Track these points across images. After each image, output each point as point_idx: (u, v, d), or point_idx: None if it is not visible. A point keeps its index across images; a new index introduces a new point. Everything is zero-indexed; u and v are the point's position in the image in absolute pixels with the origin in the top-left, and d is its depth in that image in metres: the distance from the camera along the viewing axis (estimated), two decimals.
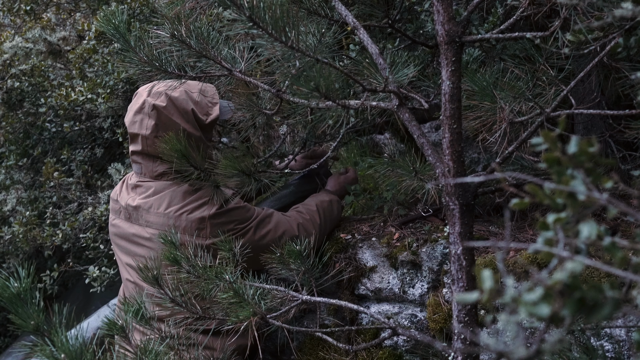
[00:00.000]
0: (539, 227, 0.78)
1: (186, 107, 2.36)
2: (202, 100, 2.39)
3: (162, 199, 2.36)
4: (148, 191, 2.39)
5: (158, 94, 2.36)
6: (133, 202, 2.41)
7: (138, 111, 2.37)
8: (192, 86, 2.41)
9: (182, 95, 2.37)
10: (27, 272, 1.51)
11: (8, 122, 3.53)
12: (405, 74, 1.76)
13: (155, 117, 2.34)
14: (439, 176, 1.68)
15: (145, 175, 2.42)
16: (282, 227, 2.44)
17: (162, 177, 2.39)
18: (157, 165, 2.39)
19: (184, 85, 2.39)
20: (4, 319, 3.51)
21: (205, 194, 2.34)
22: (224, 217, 2.33)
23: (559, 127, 0.82)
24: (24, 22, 3.73)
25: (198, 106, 2.38)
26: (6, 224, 3.50)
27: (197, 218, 2.30)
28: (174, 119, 2.34)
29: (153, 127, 2.34)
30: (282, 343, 2.62)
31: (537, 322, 0.70)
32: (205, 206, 2.32)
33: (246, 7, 1.59)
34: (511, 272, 2.15)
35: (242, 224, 2.36)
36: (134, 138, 2.40)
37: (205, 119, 2.39)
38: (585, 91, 2.27)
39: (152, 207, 2.37)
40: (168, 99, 2.35)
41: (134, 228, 2.41)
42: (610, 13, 1.32)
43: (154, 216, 2.36)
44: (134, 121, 2.38)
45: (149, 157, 2.40)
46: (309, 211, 2.56)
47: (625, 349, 1.95)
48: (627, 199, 2.18)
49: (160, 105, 2.34)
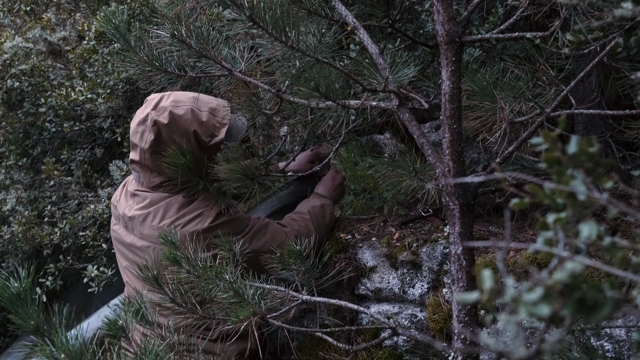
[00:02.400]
0: (539, 227, 0.78)
1: (188, 127, 2.31)
2: (209, 120, 2.33)
3: (157, 211, 2.35)
4: (144, 202, 2.38)
5: (162, 109, 2.32)
6: (129, 212, 2.41)
7: (141, 122, 2.35)
8: (203, 103, 2.35)
9: (186, 114, 2.31)
10: (27, 272, 1.51)
11: (8, 122, 3.53)
12: (405, 74, 1.76)
13: (155, 133, 2.31)
14: (439, 176, 1.68)
15: (143, 184, 2.41)
16: (279, 238, 2.41)
17: (158, 189, 2.38)
18: (154, 177, 2.37)
19: (194, 101, 2.34)
20: (4, 319, 3.51)
21: (199, 206, 2.32)
22: (218, 231, 2.29)
23: (559, 127, 0.82)
24: (24, 22, 3.73)
25: (203, 127, 2.32)
26: (6, 223, 3.50)
27: (189, 232, 2.28)
28: (174, 137, 2.30)
29: (152, 143, 2.31)
30: (282, 343, 2.62)
31: (537, 322, 0.70)
32: (198, 219, 2.30)
33: (246, 7, 1.59)
34: (511, 272, 2.15)
35: (237, 236, 2.31)
36: (133, 147, 2.39)
37: (208, 140, 2.33)
38: (585, 91, 2.27)
39: (146, 219, 2.36)
40: (171, 116, 2.30)
41: (130, 237, 2.41)
42: (610, 13, 1.32)
43: (148, 229, 2.35)
44: (136, 131, 2.36)
45: (146, 169, 2.38)
46: (303, 219, 2.53)
47: (625, 349, 1.95)
48: (627, 199, 2.18)
49: (162, 122, 2.30)
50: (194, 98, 2.36)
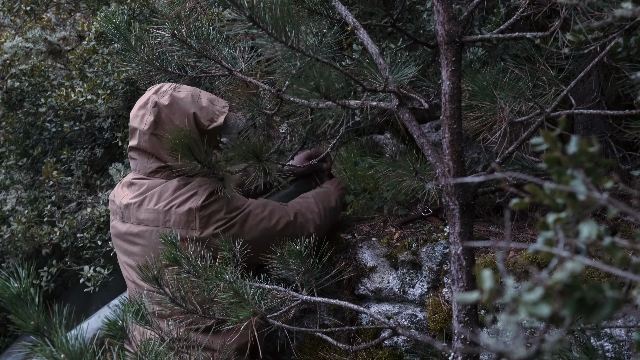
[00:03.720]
0: (539, 227, 0.78)
1: (188, 109, 2.35)
2: (209, 107, 2.38)
3: (153, 195, 2.36)
4: (141, 189, 2.40)
5: (163, 92, 2.37)
6: (125, 200, 2.41)
7: (142, 106, 2.38)
8: (203, 93, 2.41)
9: (187, 97, 2.36)
10: (27, 272, 1.51)
11: (8, 122, 3.53)
12: (405, 74, 1.76)
13: (156, 114, 2.34)
14: (439, 176, 1.68)
15: (140, 172, 2.42)
16: (277, 214, 2.40)
17: (155, 174, 2.40)
18: (151, 162, 2.39)
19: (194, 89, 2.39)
20: (4, 319, 3.51)
21: (194, 186, 2.32)
22: (212, 207, 2.29)
23: (559, 127, 0.82)
24: (24, 22, 3.73)
25: (203, 111, 2.36)
26: (6, 223, 3.50)
27: (184, 211, 2.28)
28: (173, 119, 2.33)
29: (151, 124, 2.34)
30: (282, 343, 2.62)
31: (537, 322, 0.70)
32: (193, 198, 2.30)
33: (246, 7, 1.59)
34: (511, 272, 2.15)
35: (232, 213, 2.32)
36: (132, 132, 2.40)
37: (207, 124, 2.37)
38: (585, 91, 2.27)
39: (143, 204, 2.37)
40: (172, 98, 2.35)
41: (125, 226, 2.42)
42: (610, 13, 1.32)
43: (144, 213, 2.36)
44: (136, 115, 2.39)
45: (144, 153, 2.39)
46: (306, 201, 2.54)
47: (625, 349, 1.95)
48: (627, 199, 2.18)
49: (162, 104, 2.34)
50: (194, 88, 2.41)
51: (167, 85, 2.39)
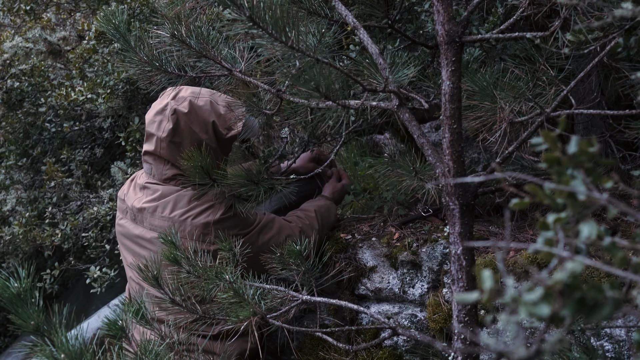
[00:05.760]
0: (539, 227, 0.78)
1: (207, 118, 2.34)
2: (226, 114, 2.37)
3: (167, 203, 2.36)
4: (155, 194, 2.39)
5: (182, 99, 2.35)
6: (138, 204, 2.41)
7: (159, 112, 2.36)
8: (220, 98, 2.39)
9: (206, 105, 2.35)
10: (27, 272, 1.51)
11: (8, 122, 3.53)
12: (405, 74, 1.76)
13: (174, 122, 2.33)
14: (439, 176, 1.68)
15: (154, 177, 2.42)
16: (285, 233, 2.45)
17: (170, 181, 2.40)
18: (167, 169, 2.38)
19: (212, 95, 2.37)
20: (4, 319, 3.51)
21: (210, 199, 2.34)
22: (228, 222, 2.32)
23: (559, 127, 0.82)
24: (24, 22, 3.73)
25: (221, 119, 2.36)
26: (6, 224, 3.50)
27: (201, 223, 2.30)
28: (192, 127, 2.33)
29: (170, 132, 2.33)
30: (282, 343, 2.62)
31: (537, 322, 0.70)
32: (209, 210, 2.32)
33: (246, 7, 1.59)
34: (511, 272, 2.15)
35: (246, 229, 2.36)
36: (149, 137, 2.40)
37: (225, 133, 2.36)
38: (585, 91, 2.27)
39: (157, 210, 2.37)
40: (191, 106, 2.33)
41: (138, 229, 2.42)
42: (610, 13, 1.32)
43: (159, 220, 2.36)
44: (153, 121, 2.37)
45: (160, 159, 2.39)
46: (308, 217, 2.56)
47: (625, 349, 1.95)
48: (627, 199, 2.18)
49: (182, 112, 2.32)
50: (212, 92, 2.39)
51: (185, 90, 2.37)
